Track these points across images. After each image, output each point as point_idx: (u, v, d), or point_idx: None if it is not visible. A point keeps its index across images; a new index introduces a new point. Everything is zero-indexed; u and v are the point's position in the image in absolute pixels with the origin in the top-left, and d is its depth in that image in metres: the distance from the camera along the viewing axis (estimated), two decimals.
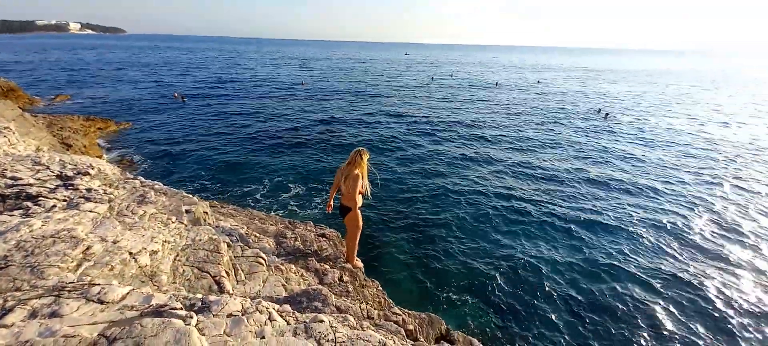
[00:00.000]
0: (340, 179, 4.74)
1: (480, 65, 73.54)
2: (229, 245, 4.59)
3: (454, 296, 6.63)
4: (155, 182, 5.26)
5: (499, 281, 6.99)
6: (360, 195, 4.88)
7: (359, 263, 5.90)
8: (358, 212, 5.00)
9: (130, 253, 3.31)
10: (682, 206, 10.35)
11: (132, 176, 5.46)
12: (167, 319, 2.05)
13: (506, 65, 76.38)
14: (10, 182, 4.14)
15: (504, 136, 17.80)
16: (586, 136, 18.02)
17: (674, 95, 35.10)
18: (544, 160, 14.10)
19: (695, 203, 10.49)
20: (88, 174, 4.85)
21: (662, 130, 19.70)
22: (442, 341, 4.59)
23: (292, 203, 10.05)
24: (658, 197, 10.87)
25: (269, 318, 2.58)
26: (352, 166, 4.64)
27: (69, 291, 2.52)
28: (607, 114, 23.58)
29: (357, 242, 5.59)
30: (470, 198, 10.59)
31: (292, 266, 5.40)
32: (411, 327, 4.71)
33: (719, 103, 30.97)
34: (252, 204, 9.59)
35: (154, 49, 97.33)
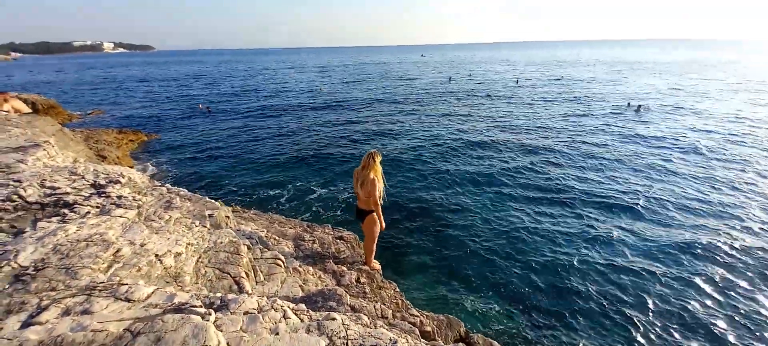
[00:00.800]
0: (357, 183, 4.73)
1: (496, 63, 72.31)
2: (249, 248, 4.75)
3: (475, 299, 6.52)
4: (180, 189, 5.51)
5: (523, 283, 6.82)
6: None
7: (377, 266, 5.91)
8: (379, 215, 4.95)
9: (156, 255, 3.50)
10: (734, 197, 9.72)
11: (159, 184, 5.75)
12: (187, 315, 2.15)
13: (520, 62, 74.65)
14: (49, 191, 4.47)
15: (529, 135, 17.38)
16: (618, 133, 17.26)
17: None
18: (572, 159, 13.65)
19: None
20: (119, 182, 5.15)
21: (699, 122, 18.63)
22: (460, 343, 4.53)
23: (312, 206, 10.24)
24: (709, 200, 10.26)
25: (284, 316, 2.65)
26: (367, 169, 4.64)
27: (99, 291, 2.70)
28: (639, 107, 22.46)
29: (375, 244, 5.61)
30: (491, 199, 10.41)
31: (310, 268, 5.50)
32: (428, 329, 4.68)
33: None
34: (274, 208, 9.84)
35: (180, 63, 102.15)
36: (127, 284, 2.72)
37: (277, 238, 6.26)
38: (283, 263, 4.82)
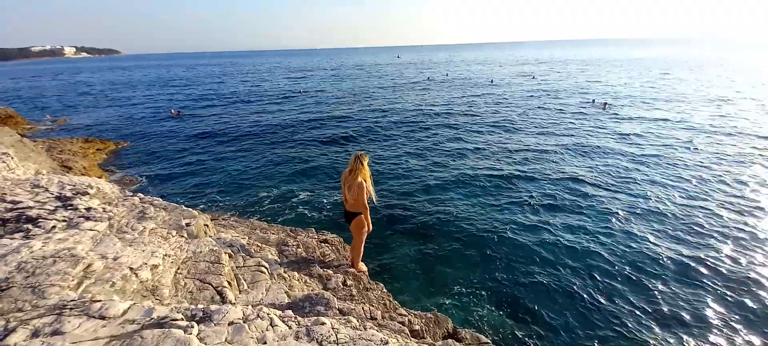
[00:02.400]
0: (344, 186, 4.68)
1: (473, 63, 73.79)
2: (230, 256, 4.60)
3: (462, 295, 6.60)
4: (154, 198, 5.28)
5: (507, 278, 6.97)
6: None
7: (364, 268, 5.89)
8: (366, 217, 4.90)
9: (131, 268, 3.32)
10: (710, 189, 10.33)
11: (131, 194, 5.48)
12: (167, 330, 2.05)
13: (492, 61, 76.61)
14: (9, 205, 4.16)
15: (506, 135, 17.82)
16: (591, 129, 18.00)
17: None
18: (551, 157, 14.10)
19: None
20: (87, 194, 4.87)
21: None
22: (448, 339, 4.56)
23: (295, 211, 10.06)
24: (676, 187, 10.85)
25: (271, 324, 2.58)
26: (355, 173, 4.57)
27: (70, 309, 2.53)
28: (605, 104, 23.51)
29: (362, 247, 5.58)
30: (473, 198, 10.59)
31: (295, 273, 5.39)
32: (417, 327, 4.69)
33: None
34: (254, 214, 9.60)
35: (149, 68, 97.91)
36: (100, 301, 2.56)
37: (259, 244, 6.10)
38: (267, 269, 4.71)
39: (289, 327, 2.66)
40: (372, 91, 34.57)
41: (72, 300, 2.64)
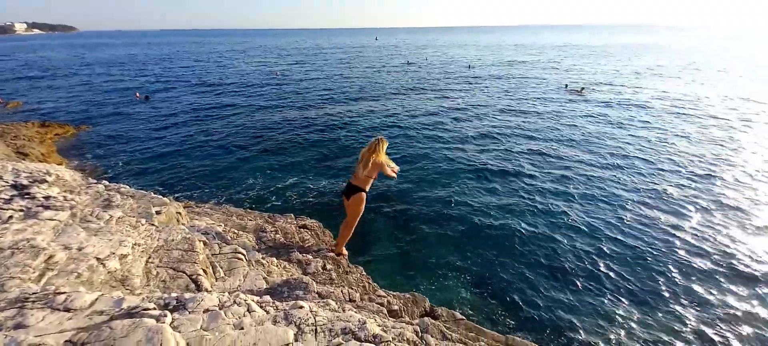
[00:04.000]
0: (361, 162, 4.89)
1: (454, 47, 73.80)
2: (205, 244, 4.50)
3: (439, 277, 6.81)
4: (121, 185, 5.04)
5: (482, 260, 7.23)
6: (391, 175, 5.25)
7: (345, 252, 5.97)
8: (364, 196, 5.06)
9: (98, 259, 3.19)
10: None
11: (95, 181, 5.20)
12: (138, 319, 2.01)
13: (470, 45, 77.01)
14: None
15: (482, 120, 18.11)
16: (567, 114, 18.58)
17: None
18: (524, 138, 14.49)
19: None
20: (46, 181, 4.58)
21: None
22: (425, 317, 4.72)
23: (272, 197, 9.90)
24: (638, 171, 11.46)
25: (248, 309, 2.58)
26: (374, 153, 4.84)
27: (33, 302, 2.41)
28: (582, 89, 24.22)
29: (353, 229, 5.58)
30: (450, 182, 10.79)
31: (274, 259, 5.36)
32: (395, 307, 4.82)
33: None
34: (229, 202, 9.37)
35: (109, 46, 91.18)
36: (65, 293, 2.46)
37: (236, 231, 6.00)
38: (245, 256, 4.65)
39: (267, 312, 2.66)
40: (352, 75, 33.98)
41: (34, 293, 2.52)
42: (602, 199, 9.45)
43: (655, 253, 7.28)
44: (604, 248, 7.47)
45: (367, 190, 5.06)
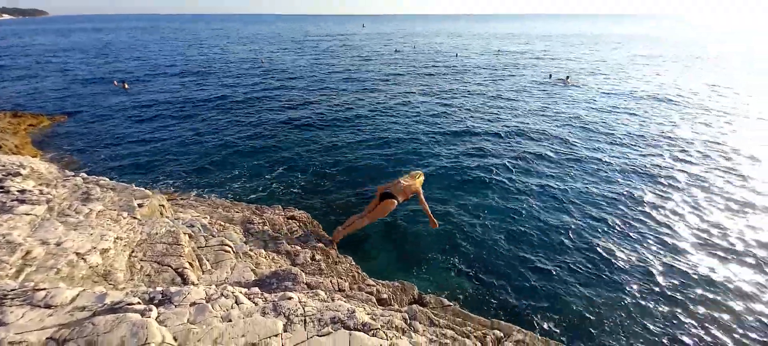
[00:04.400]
0: (396, 184, 6.37)
1: (443, 36, 73.45)
2: (191, 236, 4.43)
3: (428, 265, 6.89)
4: (100, 178, 4.89)
5: (471, 248, 7.34)
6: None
7: (339, 239, 6.31)
8: (395, 205, 6.19)
9: (78, 254, 3.11)
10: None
11: (72, 174, 5.03)
12: (122, 314, 1.97)
13: (459, 34, 76.84)
14: None
15: (469, 104, 18.18)
16: (548, 99, 18.83)
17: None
18: (513, 125, 14.65)
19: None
20: (20, 174, 4.40)
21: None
22: (414, 304, 4.81)
23: (259, 188, 9.77)
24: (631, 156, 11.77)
25: (236, 301, 2.57)
26: (412, 179, 6.61)
27: (11, 299, 2.34)
28: (567, 77, 24.48)
29: (362, 228, 6.54)
30: (441, 166, 10.87)
31: (262, 250, 5.33)
32: (385, 296, 4.88)
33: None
34: (215, 194, 9.21)
35: (83, 31, 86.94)
36: (44, 289, 2.39)
37: (222, 224, 5.93)
38: (232, 248, 4.61)
39: (256, 304, 2.66)
40: (339, 63, 33.49)
41: (12, 289, 2.44)
42: (590, 186, 9.70)
43: (642, 237, 7.57)
44: (593, 235, 7.71)
45: (400, 202, 6.20)
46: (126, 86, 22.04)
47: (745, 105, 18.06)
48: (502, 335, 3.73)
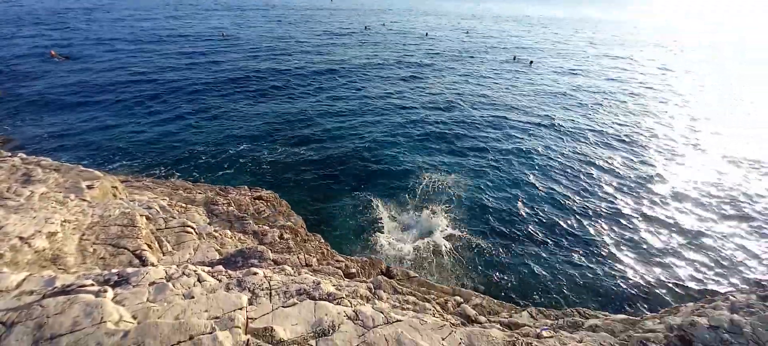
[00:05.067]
0: None
1: (410, 13, 72.38)
2: (148, 218, 4.26)
3: (397, 240, 7.14)
4: (41, 158, 4.52)
5: (437, 222, 7.67)
6: None
7: None
8: None
9: (21, 238, 2.91)
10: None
11: (8, 154, 4.60)
12: (74, 296, 1.91)
13: (430, 13, 76.23)
14: None
15: (438, 84, 18.34)
16: (511, 80, 19.44)
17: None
18: (476, 106, 15.01)
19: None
20: None
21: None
22: (381, 276, 4.99)
23: (222, 168, 9.43)
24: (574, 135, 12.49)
25: (198, 279, 2.56)
26: None
27: None
28: (531, 62, 25.30)
29: None
30: (408, 148, 11.03)
31: (228, 231, 5.24)
32: (353, 270, 5.01)
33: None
34: (174, 175, 8.78)
35: None
36: None
37: (183, 205, 5.72)
38: (195, 229, 4.49)
39: (219, 281, 2.66)
40: (305, 37, 32.14)
41: None
42: (552, 162, 10.30)
43: (594, 205, 8.25)
44: (550, 208, 8.27)
45: None
46: (66, 57, 19.92)
47: (698, 86, 19.87)
48: (461, 299, 4.00)
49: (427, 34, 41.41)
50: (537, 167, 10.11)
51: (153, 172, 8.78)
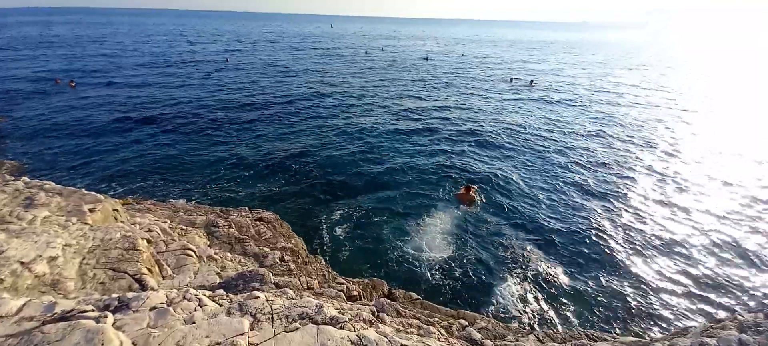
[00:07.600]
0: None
1: (406, 39, 74.61)
2: (149, 241, 4.24)
3: (398, 262, 7.05)
4: (44, 182, 4.55)
5: (441, 242, 7.61)
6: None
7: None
8: None
9: (22, 262, 2.89)
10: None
11: (12, 178, 4.63)
12: (75, 322, 1.89)
13: (427, 37, 78.48)
14: None
15: (437, 106, 18.65)
16: (511, 100, 19.78)
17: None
18: (485, 131, 15.21)
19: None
20: None
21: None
22: (383, 298, 4.91)
23: (222, 189, 9.44)
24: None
25: (200, 304, 2.52)
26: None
27: None
28: (531, 81, 25.88)
29: None
30: (408, 165, 11.08)
31: (228, 253, 5.20)
32: (355, 293, 4.94)
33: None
34: (176, 197, 8.78)
35: (20, 25, 78.92)
36: None
37: (184, 227, 5.70)
38: (195, 252, 4.46)
39: (220, 305, 2.62)
40: (308, 63, 32.93)
41: None
42: (555, 180, 10.33)
43: (597, 227, 8.21)
44: (551, 226, 8.23)
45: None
46: (72, 84, 20.35)
47: (675, 99, 20.25)
48: (466, 323, 3.92)
49: (427, 59, 42.46)
50: (539, 186, 10.13)
51: (154, 194, 8.79)
